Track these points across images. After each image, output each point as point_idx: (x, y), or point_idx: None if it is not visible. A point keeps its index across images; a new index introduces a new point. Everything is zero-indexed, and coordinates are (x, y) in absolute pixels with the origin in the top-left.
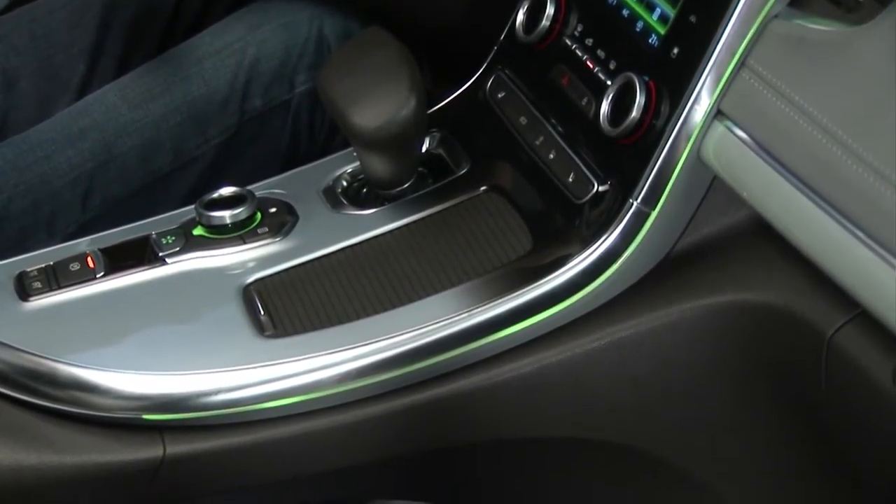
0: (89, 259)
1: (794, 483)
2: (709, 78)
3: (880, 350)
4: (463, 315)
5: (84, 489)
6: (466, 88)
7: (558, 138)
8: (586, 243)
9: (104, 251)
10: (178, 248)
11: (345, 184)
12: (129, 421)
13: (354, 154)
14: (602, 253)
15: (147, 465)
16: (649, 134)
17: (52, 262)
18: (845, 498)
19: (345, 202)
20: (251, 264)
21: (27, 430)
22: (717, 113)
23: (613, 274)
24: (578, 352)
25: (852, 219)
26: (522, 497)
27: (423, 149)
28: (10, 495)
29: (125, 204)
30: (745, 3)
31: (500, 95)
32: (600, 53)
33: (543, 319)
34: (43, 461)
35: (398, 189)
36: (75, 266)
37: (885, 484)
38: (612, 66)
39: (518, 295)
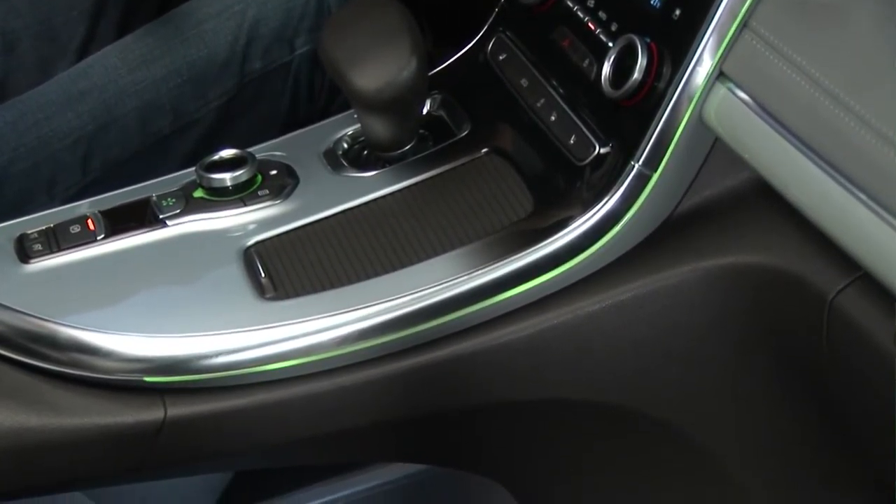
0: (90, 221)
1: (795, 446)
2: (711, 40)
3: (882, 312)
4: (464, 277)
5: (85, 451)
6: (467, 50)
7: (559, 100)
8: (587, 205)
9: (105, 213)
10: (178, 211)
11: (345, 146)
12: (129, 383)
13: (355, 116)
14: (603, 215)
15: (148, 427)
16: (651, 96)
17: (52, 225)
18: (846, 460)
19: (345, 164)
20: (252, 226)
21: (28, 392)
22: (719, 75)
23: (615, 236)
24: (580, 314)
25: (854, 180)
26: (523, 459)
27: (424, 111)
28: (10, 457)
29: (125, 166)
30: None
31: (501, 57)
32: (602, 15)
33: (544, 282)
34: (44, 423)
35: (399, 151)
36: (76, 228)
37: (886, 446)
38: (613, 28)
39: (519, 257)
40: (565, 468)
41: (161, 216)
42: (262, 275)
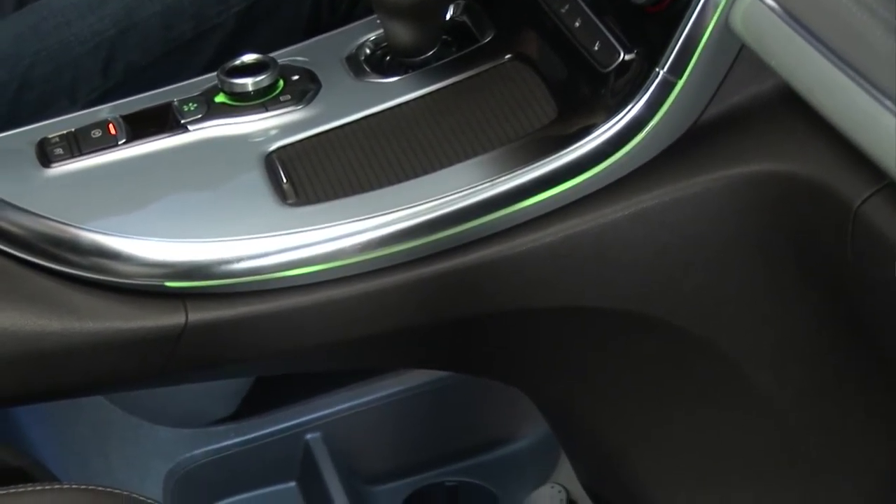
0: (111, 126)
1: (817, 354)
2: None
3: None
4: (487, 184)
5: (106, 356)
6: None
7: (584, 6)
8: (611, 113)
9: (126, 118)
10: (199, 116)
11: (368, 52)
12: (151, 288)
13: (377, 21)
14: (627, 122)
15: (169, 332)
16: (677, 2)
17: (73, 129)
18: (869, 369)
19: (368, 70)
20: (274, 132)
21: (50, 296)
22: None
23: (639, 144)
24: (603, 222)
25: (881, 87)
26: (544, 366)
27: (447, 16)
28: (32, 361)
29: (147, 71)
30: None
31: None
32: None
33: (568, 189)
34: (65, 327)
35: (422, 57)
36: (97, 133)
37: None
38: None
39: (542, 164)
40: (586, 376)
41: (182, 121)
42: (284, 180)
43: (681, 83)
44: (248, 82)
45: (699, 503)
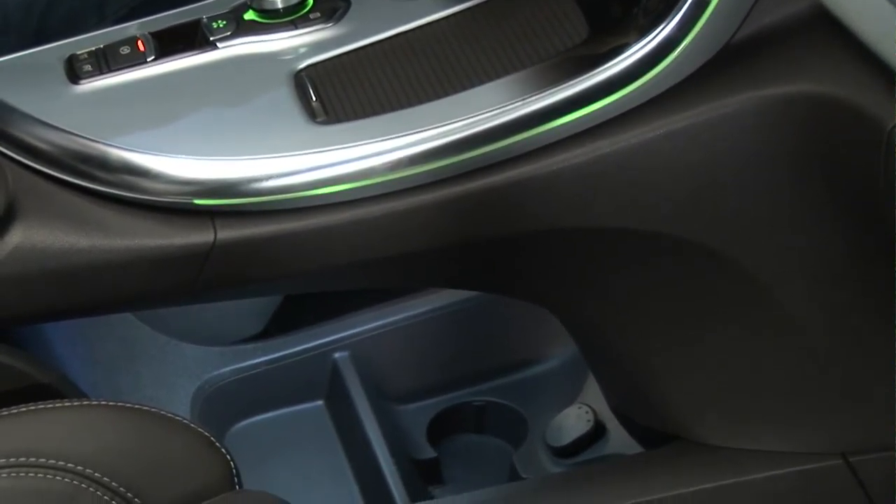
0: (140, 42)
1: (850, 277)
2: None
3: None
4: (517, 103)
5: (135, 273)
6: None
7: None
8: (643, 32)
9: (155, 35)
10: (229, 33)
11: None
12: (180, 205)
13: None
14: (659, 42)
15: (198, 249)
16: None
17: (102, 46)
18: None
19: None
20: (303, 50)
21: (79, 213)
22: None
23: (670, 64)
24: (633, 142)
25: None
26: (574, 287)
27: None
28: (60, 278)
29: None
30: None
31: None
32: None
33: (599, 109)
34: (93, 244)
35: None
36: (126, 49)
37: None
38: None
39: (573, 84)
40: (616, 297)
41: (211, 38)
42: (313, 98)
43: (714, 2)
44: None
45: (727, 425)
